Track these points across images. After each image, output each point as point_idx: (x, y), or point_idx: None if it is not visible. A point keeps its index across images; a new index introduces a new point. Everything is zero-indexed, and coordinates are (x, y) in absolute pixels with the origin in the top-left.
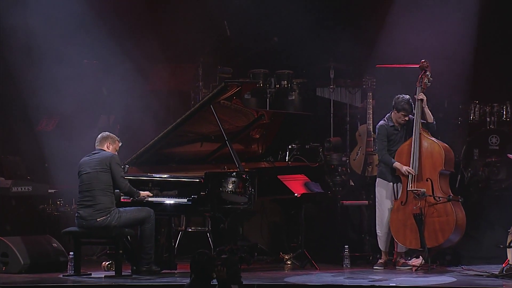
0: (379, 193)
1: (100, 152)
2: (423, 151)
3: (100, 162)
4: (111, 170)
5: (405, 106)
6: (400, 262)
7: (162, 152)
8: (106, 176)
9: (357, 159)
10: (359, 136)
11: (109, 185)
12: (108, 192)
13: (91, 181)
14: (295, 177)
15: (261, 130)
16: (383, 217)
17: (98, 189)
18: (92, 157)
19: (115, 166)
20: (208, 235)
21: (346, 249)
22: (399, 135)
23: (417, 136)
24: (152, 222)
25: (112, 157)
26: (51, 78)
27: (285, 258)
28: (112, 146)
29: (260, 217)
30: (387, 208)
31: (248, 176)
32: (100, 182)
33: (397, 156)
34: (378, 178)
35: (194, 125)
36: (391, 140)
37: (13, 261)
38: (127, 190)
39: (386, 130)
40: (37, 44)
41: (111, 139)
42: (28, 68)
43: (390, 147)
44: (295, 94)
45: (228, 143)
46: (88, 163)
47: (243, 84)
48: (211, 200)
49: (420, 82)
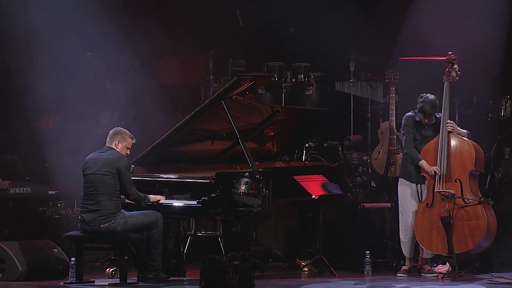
0: (402, 194)
1: (108, 151)
2: (451, 150)
3: (107, 164)
4: (118, 175)
5: (425, 108)
6: (425, 269)
7: (170, 151)
8: (113, 180)
9: (379, 159)
10: (381, 134)
11: (115, 190)
12: (113, 197)
13: (96, 184)
14: (313, 177)
15: (276, 128)
16: (406, 221)
17: (103, 193)
18: (99, 156)
19: (123, 171)
20: (219, 239)
21: (367, 255)
22: (426, 133)
23: (445, 133)
24: (160, 226)
25: (120, 160)
26: (52, 71)
27: (301, 264)
28: (121, 145)
29: (275, 220)
30: (411, 211)
31: (262, 176)
32: (106, 186)
33: (423, 155)
34: (401, 178)
35: (205, 122)
36: (415, 136)
37: (11, 268)
38: (133, 198)
39: (413, 122)
40: (36, 35)
41: (121, 136)
42: (27, 61)
43: (416, 144)
44: (312, 88)
45: (241, 141)
46: (94, 162)
47: (256, 78)
48: (223, 202)
49: (447, 76)
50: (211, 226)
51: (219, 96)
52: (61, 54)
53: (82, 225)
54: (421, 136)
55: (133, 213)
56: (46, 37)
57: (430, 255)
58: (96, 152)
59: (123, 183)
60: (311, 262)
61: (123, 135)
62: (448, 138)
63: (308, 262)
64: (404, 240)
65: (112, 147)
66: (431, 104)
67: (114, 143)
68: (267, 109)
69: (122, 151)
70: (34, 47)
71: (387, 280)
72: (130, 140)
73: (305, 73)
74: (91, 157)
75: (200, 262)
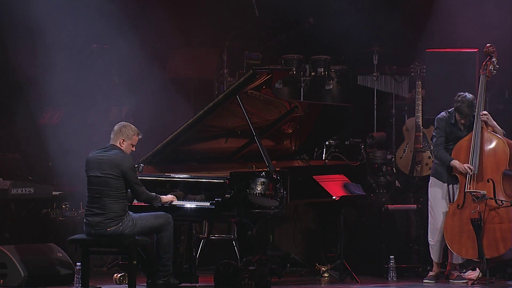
0: (432, 195)
1: (112, 151)
2: (484, 147)
3: (111, 166)
4: (124, 177)
5: (462, 108)
6: (454, 275)
7: (181, 149)
8: (118, 182)
9: (404, 157)
10: (407, 131)
11: (121, 192)
12: (120, 199)
13: (101, 187)
14: (333, 177)
15: (295, 124)
16: (436, 223)
17: (108, 196)
18: (102, 156)
19: (128, 172)
20: (233, 243)
21: (392, 259)
22: (461, 134)
23: (479, 130)
24: (170, 229)
25: (125, 161)
26: (56, 64)
27: (321, 270)
28: (126, 143)
29: (293, 223)
30: (441, 212)
31: (279, 176)
32: (111, 189)
33: (455, 152)
34: (432, 177)
35: (218, 118)
36: (450, 138)
37: (12, 273)
38: (144, 198)
39: (446, 125)
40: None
41: (126, 134)
42: (29, 53)
43: (448, 143)
44: (333, 83)
45: (257, 139)
46: (97, 162)
47: (273, 72)
48: (237, 203)
49: (484, 69)
50: (225, 229)
51: (234, 91)
52: (65, 46)
53: (88, 228)
54: (456, 138)
55: (142, 214)
56: (50, 28)
57: (460, 260)
58: (99, 151)
59: (130, 184)
60: (332, 267)
61: (128, 133)
62: (481, 135)
63: (329, 268)
64: (432, 243)
65: (116, 145)
66: (469, 104)
67: (119, 141)
68: (285, 105)
69: (127, 149)
70: (37, 39)
71: (413, 286)
72: (135, 138)
73: (325, 66)
74: (94, 155)
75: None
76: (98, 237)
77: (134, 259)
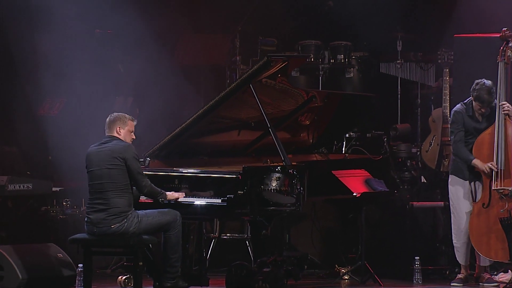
0: (453, 194)
1: (111, 141)
2: (509, 140)
3: (112, 156)
4: (126, 166)
5: (482, 96)
6: (484, 278)
7: (190, 142)
8: (121, 174)
9: (430, 151)
10: (433, 122)
11: (125, 185)
12: (124, 193)
13: (103, 180)
14: (354, 172)
15: (312, 115)
16: (459, 223)
17: (111, 189)
18: (101, 148)
19: (131, 161)
20: (247, 243)
21: (417, 261)
22: (480, 126)
23: (502, 123)
24: (179, 227)
25: (126, 148)
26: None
27: (341, 272)
28: (123, 130)
29: (311, 221)
30: (464, 212)
31: (296, 171)
32: (114, 181)
33: (476, 147)
34: (451, 175)
35: (230, 109)
36: (469, 131)
37: (9, 275)
38: (147, 190)
39: (463, 118)
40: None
41: (120, 120)
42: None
43: (467, 137)
44: (354, 70)
45: (272, 131)
46: (97, 156)
47: (290, 59)
48: (251, 200)
49: (502, 56)
50: (238, 228)
51: (247, 80)
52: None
53: (90, 227)
54: (476, 130)
55: (148, 211)
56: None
57: (489, 262)
58: (98, 144)
59: (133, 174)
60: (352, 269)
61: (122, 119)
62: (505, 127)
63: (349, 269)
64: (457, 245)
65: (114, 135)
66: (489, 91)
67: (115, 130)
68: (302, 94)
69: (127, 137)
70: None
71: None
72: (131, 123)
73: (345, 53)
74: (92, 150)
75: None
76: (101, 236)
77: (140, 260)
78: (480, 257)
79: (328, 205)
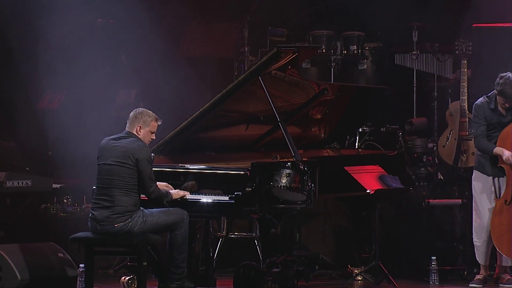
0: (476, 190)
1: (128, 138)
2: None
3: (125, 153)
4: (137, 168)
5: (506, 90)
6: (504, 279)
7: (197, 137)
8: (131, 173)
9: (448, 146)
10: (450, 116)
11: (133, 184)
12: (131, 192)
13: (111, 176)
14: (367, 168)
15: (324, 109)
16: (481, 221)
17: (119, 187)
18: (116, 143)
19: (144, 163)
20: (255, 242)
21: (434, 261)
22: (505, 119)
23: None
24: (185, 227)
25: (141, 150)
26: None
27: (354, 272)
28: (144, 130)
29: (323, 219)
30: (487, 209)
31: (307, 167)
32: (122, 179)
33: (501, 140)
34: (475, 170)
35: (238, 102)
36: (492, 125)
37: (8, 276)
38: (154, 196)
39: (484, 113)
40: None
41: (143, 120)
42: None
43: (490, 131)
44: (367, 62)
45: (281, 126)
46: (110, 149)
47: (300, 50)
48: (260, 197)
49: None
50: (246, 227)
51: (256, 71)
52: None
53: (93, 224)
54: (499, 124)
55: (153, 210)
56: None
57: (510, 263)
58: (114, 137)
59: (142, 178)
60: (366, 269)
61: (145, 118)
62: None
63: (362, 270)
64: (477, 243)
65: (133, 132)
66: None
67: (136, 129)
68: (313, 87)
69: (146, 137)
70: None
71: None
72: (154, 124)
73: (358, 44)
74: (107, 143)
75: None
76: (104, 234)
77: (144, 260)
78: (502, 257)
79: (340, 202)
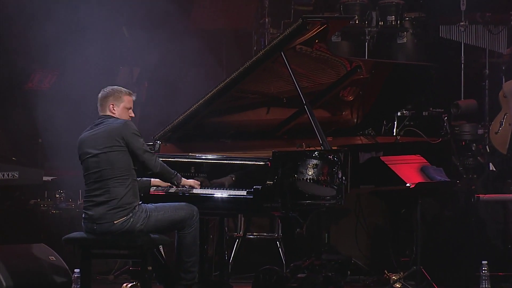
0: None
1: (105, 121)
2: None
3: (108, 137)
4: (127, 146)
5: None
6: None
7: (210, 122)
8: (122, 157)
9: (501, 132)
10: (504, 98)
11: (127, 169)
12: (127, 180)
13: (100, 167)
14: (407, 158)
15: (357, 90)
16: None
17: (112, 177)
18: (95, 131)
19: (131, 138)
20: (277, 244)
21: (485, 266)
22: None
23: None
24: (195, 225)
25: (124, 125)
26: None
27: (392, 278)
28: (118, 108)
29: (355, 218)
30: None
31: (336, 157)
32: (115, 167)
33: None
34: None
35: (258, 82)
36: None
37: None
38: (159, 169)
39: None
40: None
41: (114, 96)
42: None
43: None
44: (407, 35)
45: (308, 109)
46: (91, 140)
47: (330, 21)
48: (282, 192)
49: None
50: (267, 226)
51: (278, 46)
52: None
53: (89, 224)
54: None
55: (159, 205)
56: None
57: None
58: (90, 127)
59: (137, 154)
60: (405, 275)
61: (117, 94)
62: None
63: (402, 276)
64: None
65: (108, 114)
66: None
67: (108, 107)
68: (344, 64)
69: (123, 114)
70: None
71: None
72: (128, 98)
73: (397, 14)
74: (85, 135)
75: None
76: (102, 234)
77: (149, 264)
78: None
79: (376, 198)
